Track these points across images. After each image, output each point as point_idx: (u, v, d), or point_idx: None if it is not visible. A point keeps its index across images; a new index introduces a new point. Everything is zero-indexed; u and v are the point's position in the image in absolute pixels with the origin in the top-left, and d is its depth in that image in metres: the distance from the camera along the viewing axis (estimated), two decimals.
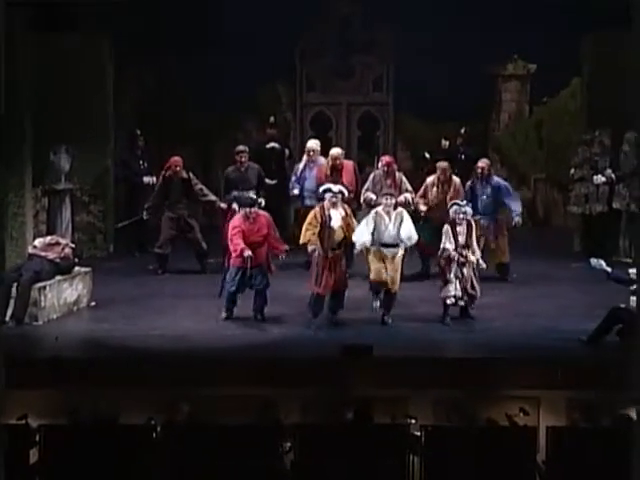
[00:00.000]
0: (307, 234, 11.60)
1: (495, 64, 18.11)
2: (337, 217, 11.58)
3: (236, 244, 11.58)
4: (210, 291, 12.61)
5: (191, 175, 14.09)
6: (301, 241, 11.73)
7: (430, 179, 13.56)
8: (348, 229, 11.66)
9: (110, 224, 15.68)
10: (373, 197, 13.05)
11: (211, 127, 17.82)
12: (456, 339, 11.36)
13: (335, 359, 10.32)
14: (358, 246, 11.65)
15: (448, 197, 13.15)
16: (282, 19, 16.13)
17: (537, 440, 9.29)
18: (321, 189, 12.00)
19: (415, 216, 12.65)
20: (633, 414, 9.53)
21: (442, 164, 13.61)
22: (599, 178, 14.63)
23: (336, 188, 11.78)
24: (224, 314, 11.82)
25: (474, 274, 11.78)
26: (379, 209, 11.80)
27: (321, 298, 11.61)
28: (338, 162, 13.60)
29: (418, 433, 9.20)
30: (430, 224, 13.01)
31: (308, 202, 13.66)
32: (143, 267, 14.46)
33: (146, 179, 15.38)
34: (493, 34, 15.83)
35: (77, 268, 12.72)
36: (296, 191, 13.94)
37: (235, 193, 13.61)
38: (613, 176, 14.43)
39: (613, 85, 14.96)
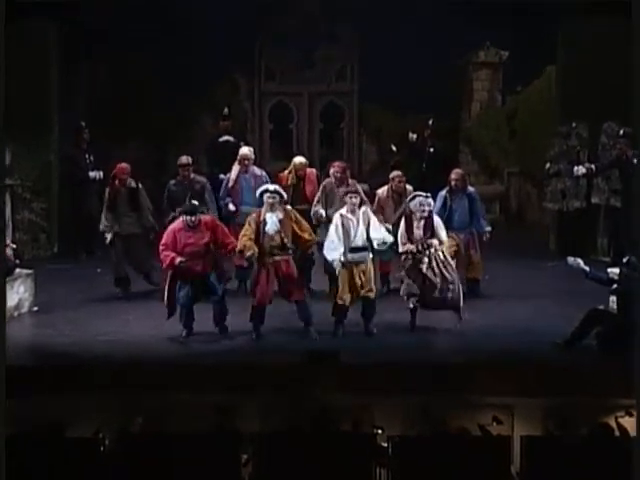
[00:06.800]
0: (242, 240, 11.44)
1: (466, 51, 18.24)
2: (273, 221, 11.40)
3: (165, 255, 11.43)
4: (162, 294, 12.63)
5: (140, 186, 13.50)
6: (237, 248, 11.55)
7: (381, 191, 13.15)
8: (290, 234, 11.44)
9: (54, 222, 15.62)
10: (323, 213, 12.78)
11: (164, 119, 17.79)
12: (425, 344, 11.43)
13: (298, 365, 10.37)
14: (335, 265, 11.38)
15: (400, 207, 12.84)
16: (242, 5, 16.15)
17: (511, 451, 9.35)
18: (258, 191, 11.78)
19: None
20: (612, 423, 9.67)
21: (396, 173, 13.22)
22: (580, 169, 14.70)
23: (272, 187, 11.63)
24: (184, 332, 11.57)
25: (441, 267, 11.61)
26: (342, 211, 11.63)
27: (260, 309, 11.46)
28: (301, 172, 13.26)
29: (385, 444, 9.25)
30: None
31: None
32: (90, 268, 14.42)
33: (92, 174, 15.37)
34: (463, 19, 15.94)
35: (18, 270, 12.67)
36: (232, 206, 13.17)
37: (178, 209, 13.25)
38: (593, 167, 14.53)
39: (589, 74, 15.12)
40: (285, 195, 11.87)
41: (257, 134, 18.50)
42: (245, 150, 13.59)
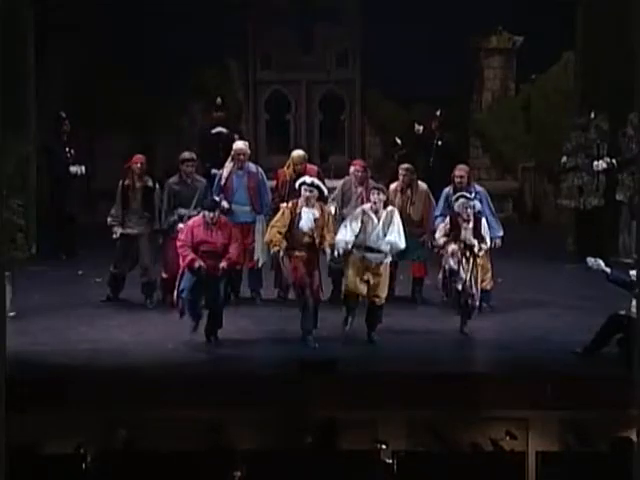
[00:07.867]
0: (272, 231, 11.57)
1: (477, 36, 18.22)
2: (309, 217, 11.46)
3: (184, 255, 11.53)
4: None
5: (157, 185, 13.20)
6: (265, 239, 11.80)
7: (393, 186, 13.07)
8: (320, 234, 11.48)
9: (32, 220, 15.59)
10: (332, 210, 12.56)
11: (151, 110, 17.74)
12: (433, 353, 11.36)
13: (294, 376, 10.33)
14: (340, 248, 11.44)
15: (409, 205, 12.92)
16: None
17: (526, 467, 9.32)
18: (297, 183, 11.79)
19: None
20: (633, 437, 9.63)
21: (404, 166, 13.19)
22: (600, 164, 14.63)
23: (310, 180, 11.61)
24: (193, 324, 11.57)
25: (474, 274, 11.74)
26: (366, 207, 11.65)
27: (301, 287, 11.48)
28: (300, 167, 13.01)
29: (390, 460, 9.21)
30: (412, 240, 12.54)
31: (242, 219, 12.95)
32: (71, 271, 14.38)
33: (73, 169, 15.35)
34: (474, 2, 15.93)
35: None
36: (225, 204, 12.92)
37: (181, 211, 12.96)
38: (614, 162, 14.47)
39: (610, 60, 15.07)
40: (326, 191, 11.92)
41: (252, 125, 18.46)
42: (240, 144, 13.41)
